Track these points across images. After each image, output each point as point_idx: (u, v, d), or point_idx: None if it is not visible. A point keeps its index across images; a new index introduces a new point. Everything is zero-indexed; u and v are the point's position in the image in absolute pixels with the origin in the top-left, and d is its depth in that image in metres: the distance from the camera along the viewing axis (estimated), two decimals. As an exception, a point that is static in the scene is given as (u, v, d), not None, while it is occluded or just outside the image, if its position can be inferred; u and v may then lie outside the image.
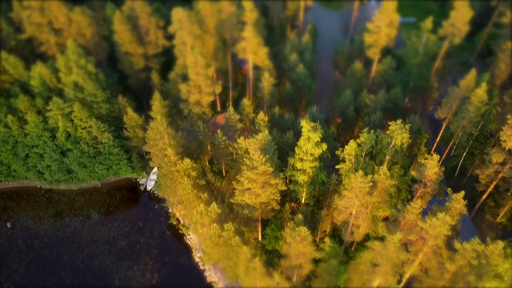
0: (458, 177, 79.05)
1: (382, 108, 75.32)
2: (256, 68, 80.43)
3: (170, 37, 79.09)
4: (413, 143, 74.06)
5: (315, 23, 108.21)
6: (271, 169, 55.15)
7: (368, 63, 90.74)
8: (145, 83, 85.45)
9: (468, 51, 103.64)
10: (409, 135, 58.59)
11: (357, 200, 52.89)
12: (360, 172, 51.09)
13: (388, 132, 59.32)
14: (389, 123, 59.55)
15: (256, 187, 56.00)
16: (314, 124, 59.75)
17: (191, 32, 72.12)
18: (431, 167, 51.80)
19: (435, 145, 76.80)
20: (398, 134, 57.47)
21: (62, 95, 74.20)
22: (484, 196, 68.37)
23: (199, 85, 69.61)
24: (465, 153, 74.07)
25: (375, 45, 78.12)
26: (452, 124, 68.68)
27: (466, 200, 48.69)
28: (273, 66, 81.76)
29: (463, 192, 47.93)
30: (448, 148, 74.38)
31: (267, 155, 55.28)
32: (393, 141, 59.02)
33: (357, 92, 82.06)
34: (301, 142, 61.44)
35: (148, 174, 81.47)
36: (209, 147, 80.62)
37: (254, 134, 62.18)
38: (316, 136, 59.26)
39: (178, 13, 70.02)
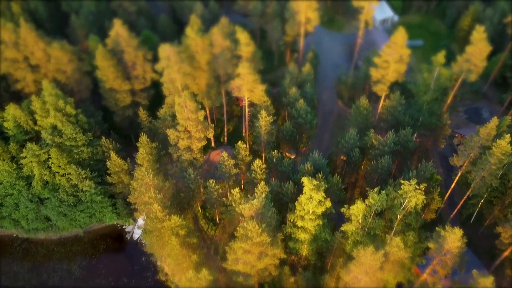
0: (474, 224, 72.35)
1: (391, 151, 68.73)
2: (253, 104, 73.72)
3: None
4: (425, 191, 67.36)
5: (316, 46, 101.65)
6: (268, 239, 48.37)
7: (374, 93, 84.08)
8: (133, 119, 78.79)
9: (481, 79, 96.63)
10: (424, 197, 51.78)
11: (367, 277, 46.09)
12: (370, 249, 44.26)
13: (400, 192, 52.52)
14: (402, 182, 52.69)
15: (251, 258, 49.22)
16: (317, 182, 52.99)
17: (180, 70, 65.42)
18: (452, 241, 45.03)
19: (449, 192, 69.88)
20: (413, 196, 50.70)
21: (40, 138, 67.47)
22: (506, 253, 61.61)
23: (189, 130, 62.86)
24: (482, 201, 67.35)
25: (383, 81, 71.39)
26: (470, 174, 61.88)
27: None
28: (271, 102, 75.08)
29: (492, 278, 41.16)
30: (464, 199, 67.49)
31: (264, 224, 48.44)
32: (406, 201, 52.28)
33: (362, 130, 75.46)
34: (303, 200, 54.75)
35: (135, 221, 74.65)
36: (201, 190, 73.88)
37: (249, 186, 55.50)
38: (319, 196, 52.58)
39: (165, 51, 63.28)
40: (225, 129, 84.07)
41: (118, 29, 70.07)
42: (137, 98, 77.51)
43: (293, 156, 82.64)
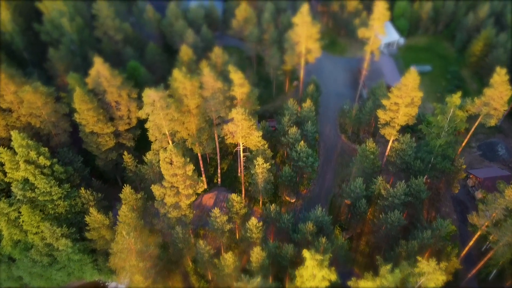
0: (493, 282, 65.56)
1: (402, 203, 61.99)
2: (248, 148, 66.88)
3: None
4: (440, 250, 60.66)
5: (317, 72, 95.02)
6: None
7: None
8: (118, 161, 71.94)
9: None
10: (445, 277, 44.93)
11: None
12: None
13: (416, 270, 45.65)
14: (419, 260, 45.77)
15: None
16: (320, 257, 46.10)
17: (167, 116, 58.54)
18: None
19: (466, 249, 63.01)
20: (431, 277, 43.87)
21: (10, 192, 60.48)
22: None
23: (176, 187, 55.93)
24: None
25: (392, 124, 64.58)
26: (492, 236, 55.08)
27: None
28: (268, 137, 68.34)
29: None
30: (484, 261, 60.61)
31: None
32: (423, 280, 45.45)
33: (369, 175, 68.78)
34: (304, 274, 47.93)
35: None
36: (192, 240, 67.04)
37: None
38: (323, 272, 45.76)
39: (149, 96, 56.36)
40: (219, 169, 77.11)
41: (99, 68, 63.19)
42: (122, 140, 70.69)
43: (293, 200, 75.81)
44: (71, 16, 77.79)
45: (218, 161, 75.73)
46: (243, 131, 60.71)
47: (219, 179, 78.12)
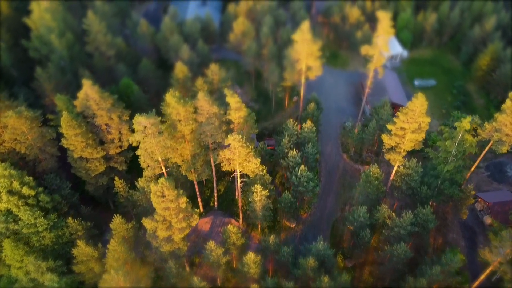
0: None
1: (408, 233, 58.58)
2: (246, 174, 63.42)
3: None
4: (449, 286, 57.27)
5: (318, 87, 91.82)
6: None
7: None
8: (109, 185, 68.40)
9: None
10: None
11: None
12: None
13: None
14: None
15: None
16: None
17: (159, 144, 55.05)
18: None
19: (477, 284, 59.51)
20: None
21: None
22: None
23: (168, 220, 52.41)
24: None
25: (397, 150, 61.10)
26: (506, 274, 51.59)
27: None
28: (266, 170, 64.67)
29: None
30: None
31: None
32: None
33: (373, 202, 65.40)
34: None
35: (109, 309, 63.98)
36: (187, 269, 63.77)
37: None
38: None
39: (140, 124, 52.84)
40: (215, 192, 73.54)
41: (88, 90, 59.68)
42: (113, 164, 67.13)
43: (293, 225, 72.27)
44: (60, 32, 74.29)
45: (215, 183, 72.14)
46: (240, 159, 57.26)
47: (215, 202, 74.56)
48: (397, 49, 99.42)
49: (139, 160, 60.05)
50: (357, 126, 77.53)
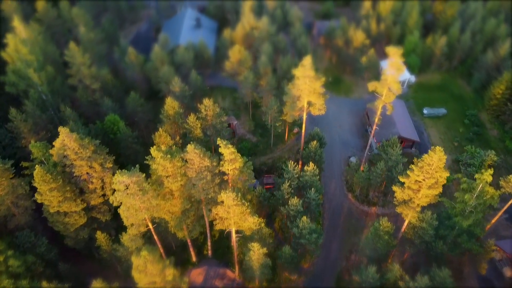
0: None
1: (423, 298, 52.21)
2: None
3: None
4: None
5: (320, 117, 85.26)
6: None
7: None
8: (91, 236, 62.03)
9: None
10: None
11: None
12: None
13: None
14: None
15: None
16: None
17: (143, 204, 48.69)
18: None
19: None
20: None
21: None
22: None
23: (153, 292, 46.05)
24: None
25: (410, 204, 54.73)
26: None
27: None
28: (265, 222, 58.35)
29: None
30: None
31: None
32: None
33: (383, 256, 59.15)
34: None
35: None
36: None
37: None
38: None
39: (121, 183, 46.49)
40: (209, 239, 67.14)
41: (65, 139, 53.32)
42: (95, 214, 60.78)
43: (294, 277, 65.89)
44: (40, 65, 68.08)
45: (208, 233, 65.72)
46: (235, 217, 51.00)
47: (209, 250, 68.21)
48: (404, 75, 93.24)
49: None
50: (364, 168, 71.03)
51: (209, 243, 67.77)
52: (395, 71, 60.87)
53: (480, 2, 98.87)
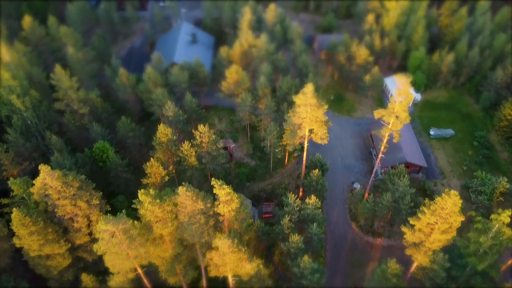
0: None
1: None
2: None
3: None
4: None
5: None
6: None
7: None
8: (77, 275, 57.79)
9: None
10: None
11: None
12: None
13: None
14: None
15: None
16: None
17: (131, 252, 44.50)
18: None
19: None
20: None
21: None
22: None
23: None
24: None
25: (421, 248, 50.53)
26: None
27: None
28: (266, 270, 54.07)
29: None
30: None
31: None
32: None
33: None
34: None
35: None
36: None
37: None
38: None
39: (106, 231, 42.27)
40: (204, 280, 62.80)
41: (46, 178, 49.10)
42: (81, 253, 56.56)
43: (295, 317, 61.68)
44: (24, 90, 63.88)
45: (203, 275, 61.40)
46: (231, 264, 46.86)
47: (204, 284, 63.89)
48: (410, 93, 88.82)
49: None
50: (370, 200, 66.65)
51: (204, 280, 63.49)
52: (403, 100, 56.71)
53: (488, 15, 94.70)
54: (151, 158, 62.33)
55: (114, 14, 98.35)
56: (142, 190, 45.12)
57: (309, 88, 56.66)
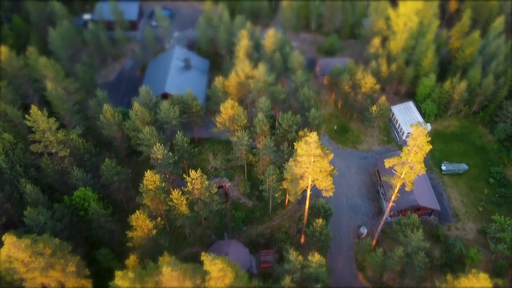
0: None
1: None
2: None
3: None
4: None
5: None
6: None
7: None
8: None
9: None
10: None
11: None
12: None
13: None
14: None
15: None
16: None
17: None
18: None
19: None
20: None
21: None
22: None
23: None
24: None
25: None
26: None
27: None
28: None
29: None
30: None
31: None
32: None
33: None
34: None
35: None
36: None
37: None
38: None
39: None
40: None
41: (11, 250, 42.71)
42: (56, 325, 50.02)
43: None
44: (-5, 133, 57.60)
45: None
46: None
47: None
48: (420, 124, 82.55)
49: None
50: (379, 253, 60.40)
51: None
52: (419, 151, 50.44)
53: (502, 38, 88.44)
54: (137, 211, 56.03)
55: (103, 36, 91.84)
56: (119, 273, 38.84)
57: (313, 137, 50.37)
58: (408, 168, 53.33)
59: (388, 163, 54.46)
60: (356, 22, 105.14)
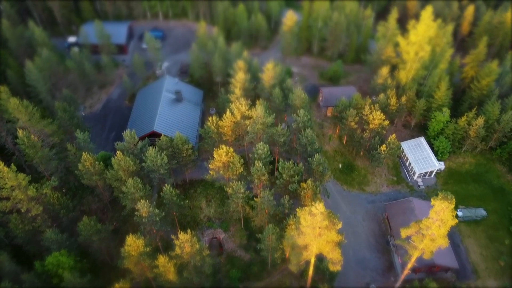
0: None
1: None
2: None
3: None
4: None
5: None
6: None
7: None
8: None
9: None
10: None
11: None
12: None
13: None
14: None
15: None
16: None
17: None
18: None
19: None
20: None
21: None
22: None
23: None
24: None
25: None
26: None
27: None
28: None
29: None
30: None
31: None
32: None
33: None
34: None
35: None
36: None
37: None
38: None
39: None
40: None
41: None
42: None
43: None
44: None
45: None
46: None
47: None
48: (432, 165, 75.65)
49: None
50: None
51: None
52: (442, 226, 43.38)
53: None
54: (116, 285, 48.89)
55: (87, 64, 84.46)
56: None
57: (319, 208, 43.26)
58: (429, 240, 46.26)
59: (404, 233, 47.41)
60: (362, 45, 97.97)
